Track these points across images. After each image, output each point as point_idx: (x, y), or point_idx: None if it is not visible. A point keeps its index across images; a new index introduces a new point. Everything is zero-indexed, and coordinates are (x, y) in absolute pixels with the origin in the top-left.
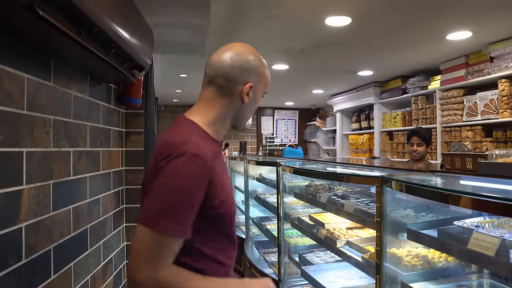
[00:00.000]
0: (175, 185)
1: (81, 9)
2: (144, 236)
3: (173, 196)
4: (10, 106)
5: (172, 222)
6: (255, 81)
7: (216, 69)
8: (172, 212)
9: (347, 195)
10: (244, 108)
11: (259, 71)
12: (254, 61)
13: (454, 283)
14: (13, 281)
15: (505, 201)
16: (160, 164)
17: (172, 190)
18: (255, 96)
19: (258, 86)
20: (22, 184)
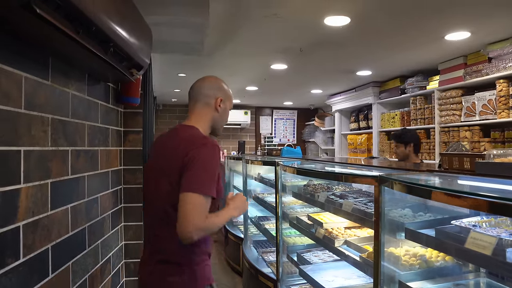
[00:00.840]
0: (207, 165)
1: (79, 8)
2: (196, 199)
3: (207, 172)
4: (7, 105)
5: (210, 188)
6: (223, 97)
7: (198, 89)
8: (209, 182)
9: (346, 194)
10: (218, 117)
11: (225, 90)
12: (220, 83)
13: (452, 282)
14: (11, 280)
15: (502, 200)
16: (192, 152)
17: (206, 168)
18: (225, 108)
19: (226, 101)
20: (20, 183)
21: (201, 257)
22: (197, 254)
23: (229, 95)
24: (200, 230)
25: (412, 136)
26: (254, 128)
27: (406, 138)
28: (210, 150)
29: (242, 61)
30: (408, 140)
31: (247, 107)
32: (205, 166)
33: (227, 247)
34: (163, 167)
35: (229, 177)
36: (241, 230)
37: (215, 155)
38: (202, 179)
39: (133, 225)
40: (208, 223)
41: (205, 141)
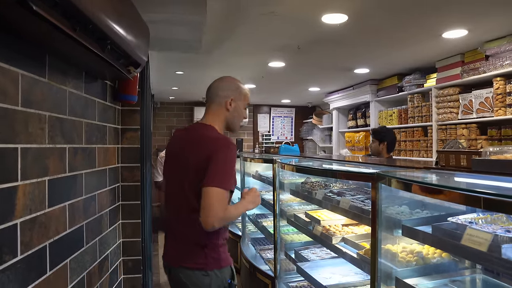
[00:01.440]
0: (228, 163)
1: (76, 5)
2: (218, 193)
3: (228, 169)
4: (4, 102)
5: (229, 183)
6: (234, 97)
7: (213, 90)
8: (229, 178)
9: (343, 192)
10: (230, 115)
11: (238, 90)
12: (234, 83)
13: (448, 278)
14: (9, 277)
15: (498, 197)
16: (215, 151)
17: (227, 166)
18: (236, 107)
19: (238, 100)
20: (17, 180)
21: (221, 241)
22: (219, 238)
23: (241, 94)
24: (221, 220)
25: (388, 135)
26: (252, 126)
27: (382, 136)
28: (231, 150)
29: (240, 59)
30: (383, 138)
31: None
32: (226, 164)
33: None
34: (187, 162)
35: None
36: (239, 228)
37: (234, 154)
38: (223, 175)
39: (131, 223)
40: (228, 214)
41: (227, 142)
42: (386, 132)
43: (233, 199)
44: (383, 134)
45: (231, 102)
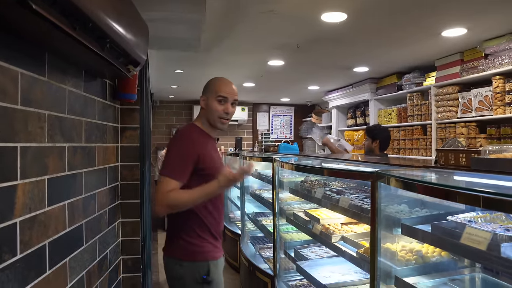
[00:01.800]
0: (169, 151)
1: (76, 4)
2: (162, 181)
3: (171, 157)
4: (4, 101)
5: (170, 170)
6: (205, 93)
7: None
8: (173, 166)
9: (342, 190)
10: (206, 113)
11: (208, 87)
12: (208, 82)
13: (447, 277)
14: (8, 276)
15: (497, 196)
16: (169, 142)
17: (171, 154)
18: (208, 103)
19: (208, 95)
20: (17, 179)
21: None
22: (194, 231)
23: (210, 89)
24: (167, 207)
25: (381, 134)
26: (251, 124)
27: (374, 134)
28: (179, 139)
29: (239, 57)
30: (376, 136)
31: (244, 103)
32: (171, 153)
33: (224, 243)
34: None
35: None
36: (238, 226)
37: (181, 143)
38: (167, 164)
39: (130, 222)
40: (174, 200)
41: (178, 132)
42: (379, 130)
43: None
44: (376, 132)
45: (203, 100)
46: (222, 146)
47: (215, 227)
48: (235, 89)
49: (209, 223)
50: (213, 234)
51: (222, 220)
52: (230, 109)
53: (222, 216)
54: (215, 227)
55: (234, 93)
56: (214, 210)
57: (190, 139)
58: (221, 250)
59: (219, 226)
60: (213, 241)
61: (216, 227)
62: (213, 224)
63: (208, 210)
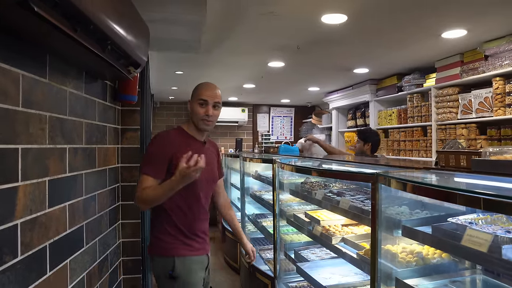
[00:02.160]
0: (146, 152)
1: (77, 6)
2: (139, 178)
3: (144, 156)
4: (5, 102)
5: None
6: (191, 98)
7: None
8: (146, 164)
9: (343, 192)
10: (191, 115)
11: (194, 91)
12: (195, 87)
13: (448, 279)
14: (9, 278)
15: (498, 198)
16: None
17: (145, 154)
18: (191, 107)
19: (193, 100)
20: (18, 181)
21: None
22: (162, 226)
23: (193, 94)
24: (140, 200)
25: (372, 137)
26: (252, 125)
27: (366, 137)
28: (152, 141)
29: (239, 58)
30: (368, 139)
31: (245, 104)
32: (146, 153)
33: (224, 244)
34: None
35: (226, 174)
36: None
37: (154, 144)
38: (142, 162)
39: (130, 223)
40: (144, 195)
41: (156, 134)
42: (370, 133)
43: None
44: (367, 135)
45: (189, 104)
46: (222, 147)
47: (187, 225)
48: (217, 93)
49: (179, 221)
50: (184, 232)
51: (198, 219)
52: (210, 111)
53: (199, 215)
54: (187, 225)
55: (215, 96)
56: (187, 209)
57: (165, 139)
58: (195, 249)
59: (192, 224)
60: (184, 239)
61: (189, 226)
62: (184, 222)
63: (181, 209)
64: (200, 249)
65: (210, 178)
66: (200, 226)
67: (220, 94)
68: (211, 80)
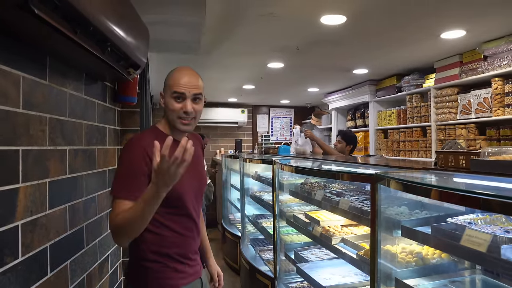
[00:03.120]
0: (118, 165)
1: (77, 8)
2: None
3: (117, 172)
4: (6, 104)
5: (116, 188)
6: (164, 90)
7: None
8: (118, 182)
9: (342, 192)
10: (166, 111)
11: (165, 80)
12: (167, 75)
13: (448, 279)
14: (10, 279)
15: (496, 198)
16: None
17: (117, 169)
18: (165, 102)
19: (166, 92)
20: (18, 182)
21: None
22: (138, 251)
23: (165, 84)
24: (114, 230)
25: (354, 140)
26: (251, 126)
27: (349, 139)
28: (125, 150)
29: (239, 59)
30: (350, 141)
31: (244, 105)
32: (118, 167)
33: (224, 245)
34: None
35: (226, 175)
36: (238, 229)
37: (127, 154)
38: (113, 182)
39: None
40: (116, 221)
41: (127, 142)
42: (353, 137)
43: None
44: (351, 138)
45: (161, 98)
46: (222, 148)
47: (178, 248)
48: (195, 82)
49: (168, 244)
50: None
51: (191, 238)
52: (189, 106)
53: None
54: (178, 248)
55: (193, 87)
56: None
57: (140, 147)
58: (188, 275)
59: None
60: (175, 265)
61: (181, 248)
62: (175, 244)
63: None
64: (193, 274)
65: (198, 185)
66: (194, 246)
67: (201, 83)
68: (211, 81)
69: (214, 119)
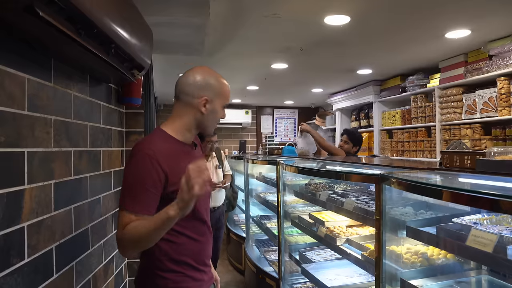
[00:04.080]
0: (126, 177)
1: (81, 10)
2: (119, 213)
3: (126, 183)
4: (11, 106)
5: (126, 201)
6: (211, 96)
7: (179, 87)
8: (127, 195)
9: (347, 193)
10: (204, 117)
11: (214, 87)
12: (209, 79)
13: (453, 279)
14: (16, 280)
15: (502, 198)
16: (126, 162)
17: (126, 180)
18: (213, 108)
19: (216, 99)
20: (24, 184)
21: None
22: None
23: (220, 92)
24: (121, 242)
25: (360, 140)
26: (255, 127)
27: (356, 140)
28: (135, 159)
29: (243, 60)
30: (357, 142)
31: (248, 106)
32: (126, 178)
33: (229, 246)
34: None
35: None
36: (243, 230)
37: (138, 164)
38: (123, 192)
39: None
40: (126, 234)
41: (135, 149)
42: (360, 138)
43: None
44: (357, 139)
45: (205, 101)
46: (226, 149)
47: (195, 255)
48: None
49: (186, 251)
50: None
51: (206, 243)
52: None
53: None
54: (195, 255)
55: None
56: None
57: (149, 158)
58: (205, 282)
59: (201, 252)
60: (193, 273)
61: (198, 255)
62: (192, 251)
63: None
64: (208, 281)
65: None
66: (208, 251)
67: None
68: None
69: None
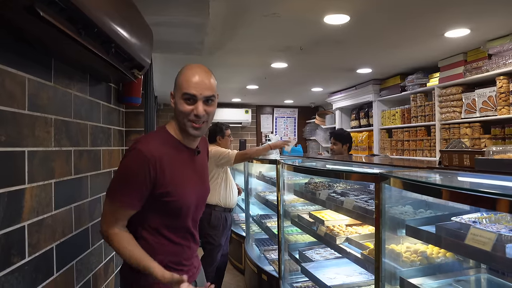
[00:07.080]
0: (121, 170)
1: (82, 10)
2: (105, 201)
3: (118, 178)
4: (12, 106)
5: (116, 195)
6: (174, 90)
7: None
8: (118, 188)
9: (347, 192)
10: (175, 114)
11: (176, 78)
12: (178, 74)
13: (452, 278)
14: (17, 279)
15: (501, 196)
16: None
17: (119, 174)
18: (175, 102)
19: (176, 92)
20: (25, 183)
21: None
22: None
23: (177, 81)
24: (103, 234)
25: (348, 137)
26: (255, 126)
27: (344, 138)
28: (128, 156)
29: (243, 60)
30: (345, 140)
31: (248, 105)
32: (119, 171)
33: (229, 245)
34: None
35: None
36: (243, 229)
37: (130, 161)
38: (113, 183)
39: None
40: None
41: (131, 146)
42: (347, 135)
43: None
44: (344, 137)
45: (171, 98)
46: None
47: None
48: (207, 82)
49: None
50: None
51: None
52: (200, 109)
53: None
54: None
55: (205, 88)
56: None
57: (145, 160)
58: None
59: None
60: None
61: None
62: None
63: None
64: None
65: (202, 193)
66: (189, 254)
67: (214, 82)
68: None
69: (218, 119)
